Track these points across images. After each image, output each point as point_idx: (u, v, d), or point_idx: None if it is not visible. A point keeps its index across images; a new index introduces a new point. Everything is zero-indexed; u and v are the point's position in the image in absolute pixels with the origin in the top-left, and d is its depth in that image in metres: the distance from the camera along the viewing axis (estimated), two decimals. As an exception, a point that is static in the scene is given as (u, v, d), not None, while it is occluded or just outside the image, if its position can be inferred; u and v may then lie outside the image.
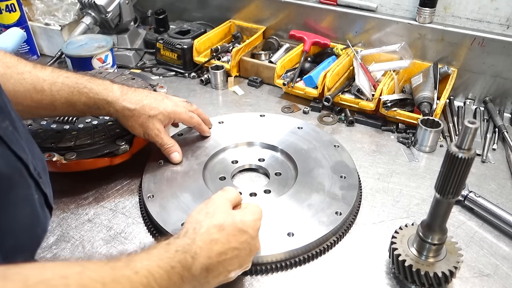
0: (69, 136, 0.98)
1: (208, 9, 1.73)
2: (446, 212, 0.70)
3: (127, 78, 1.22)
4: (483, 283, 0.80)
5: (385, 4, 1.41)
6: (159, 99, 0.99)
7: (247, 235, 0.71)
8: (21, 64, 0.84)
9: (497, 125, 1.20)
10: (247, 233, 0.71)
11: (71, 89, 0.87)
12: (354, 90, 1.28)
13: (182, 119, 1.03)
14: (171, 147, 1.01)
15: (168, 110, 0.98)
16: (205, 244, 0.65)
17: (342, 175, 0.99)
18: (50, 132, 0.99)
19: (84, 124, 1.03)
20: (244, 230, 0.70)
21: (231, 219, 0.71)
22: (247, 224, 0.72)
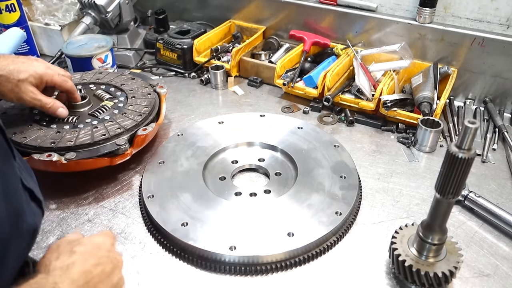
0: (69, 136, 0.98)
1: (208, 9, 1.73)
2: (446, 212, 0.70)
3: (127, 78, 1.22)
4: (483, 283, 0.80)
5: (385, 4, 1.41)
6: (27, 62, 0.95)
7: (102, 250, 0.66)
8: None
9: (497, 125, 1.20)
10: (101, 248, 0.67)
11: None
12: (354, 90, 1.28)
13: (55, 81, 0.99)
14: (53, 105, 0.99)
15: (39, 71, 0.95)
16: (63, 270, 0.60)
17: (342, 175, 0.99)
18: (50, 132, 0.99)
19: (84, 124, 1.03)
20: (97, 246, 0.66)
21: (79, 243, 0.66)
22: (97, 240, 0.68)
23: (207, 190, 0.96)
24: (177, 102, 1.37)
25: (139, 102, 1.12)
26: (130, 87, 1.18)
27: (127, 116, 1.06)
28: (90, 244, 0.66)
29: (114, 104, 1.11)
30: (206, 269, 0.83)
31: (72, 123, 1.04)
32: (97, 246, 0.66)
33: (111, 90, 1.17)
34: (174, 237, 0.84)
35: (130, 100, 1.13)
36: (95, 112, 1.07)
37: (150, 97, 1.14)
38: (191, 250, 0.83)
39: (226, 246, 0.82)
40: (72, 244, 0.65)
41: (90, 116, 1.06)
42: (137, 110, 1.08)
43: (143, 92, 1.16)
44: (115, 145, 0.98)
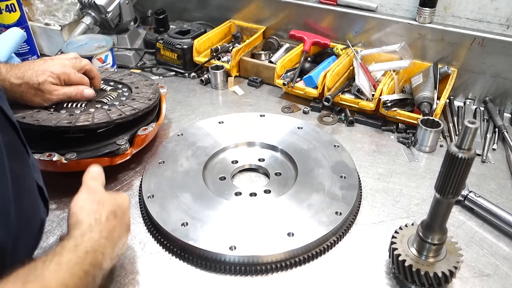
0: (84, 117, 0.97)
1: (208, 9, 1.73)
2: (446, 212, 0.70)
3: (125, 74, 1.22)
4: (483, 283, 0.80)
5: (385, 4, 1.41)
6: (43, 65, 0.97)
7: (126, 215, 0.77)
8: None
9: (497, 125, 1.20)
10: (126, 214, 0.77)
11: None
12: (354, 90, 1.28)
13: (72, 81, 1.01)
14: (78, 91, 1.01)
15: (57, 72, 0.98)
16: (109, 234, 0.68)
17: (342, 175, 0.99)
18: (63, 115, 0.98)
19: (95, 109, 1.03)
20: (125, 212, 0.76)
21: (116, 204, 0.74)
22: (125, 206, 0.77)
23: (207, 190, 0.96)
24: (177, 102, 1.37)
25: (144, 90, 1.12)
26: (130, 81, 1.18)
27: (137, 101, 1.07)
28: (123, 207, 0.76)
29: (119, 94, 1.11)
30: (206, 269, 0.83)
31: (81, 108, 1.03)
32: (126, 211, 0.76)
33: (111, 84, 1.17)
34: (174, 237, 0.84)
35: (134, 90, 1.13)
36: (102, 99, 1.07)
37: (153, 87, 1.15)
38: (191, 250, 0.83)
39: (226, 246, 0.82)
40: (111, 201, 0.74)
41: (99, 103, 1.05)
42: (145, 96, 1.09)
43: (145, 83, 1.17)
44: (116, 145, 0.98)
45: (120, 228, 0.72)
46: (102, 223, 0.68)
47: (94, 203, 0.70)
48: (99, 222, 0.68)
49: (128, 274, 0.81)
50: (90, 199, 0.71)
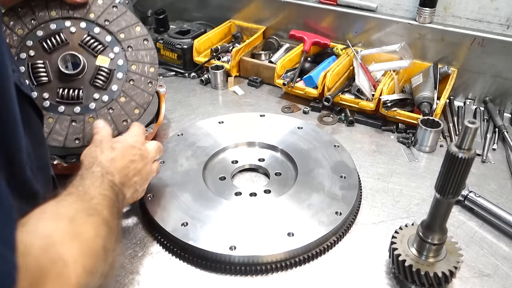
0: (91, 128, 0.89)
1: (208, 9, 1.73)
2: (446, 212, 0.70)
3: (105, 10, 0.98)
4: (483, 283, 0.80)
5: (385, 4, 1.41)
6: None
7: (135, 148, 0.83)
8: None
9: (497, 125, 1.20)
10: (135, 147, 0.83)
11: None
12: (354, 90, 1.28)
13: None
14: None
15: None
16: (109, 163, 0.76)
17: (342, 175, 0.99)
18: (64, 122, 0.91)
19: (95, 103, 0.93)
20: (132, 145, 0.83)
21: (117, 140, 0.83)
22: (130, 141, 0.84)
23: (207, 190, 0.96)
24: (177, 102, 1.37)
25: (140, 57, 0.97)
26: (117, 27, 0.97)
27: (137, 86, 0.95)
28: (125, 143, 0.82)
29: (112, 62, 0.94)
30: (206, 269, 0.83)
31: (79, 102, 0.91)
32: (131, 145, 0.83)
33: (96, 32, 0.95)
34: (174, 237, 0.84)
35: (128, 55, 0.96)
36: (96, 80, 0.92)
37: (148, 45, 0.98)
38: (191, 250, 0.83)
39: (226, 246, 0.82)
40: (112, 141, 0.82)
41: (95, 88, 0.92)
42: (144, 74, 0.96)
43: (137, 36, 0.98)
44: None
45: (124, 160, 0.79)
46: (100, 157, 0.77)
47: (91, 150, 0.79)
48: (97, 158, 0.77)
49: (128, 274, 0.81)
50: (90, 149, 0.80)
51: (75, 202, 0.63)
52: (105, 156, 0.77)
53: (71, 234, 0.56)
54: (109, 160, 0.77)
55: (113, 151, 0.79)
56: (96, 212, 0.63)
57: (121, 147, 0.81)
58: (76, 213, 0.60)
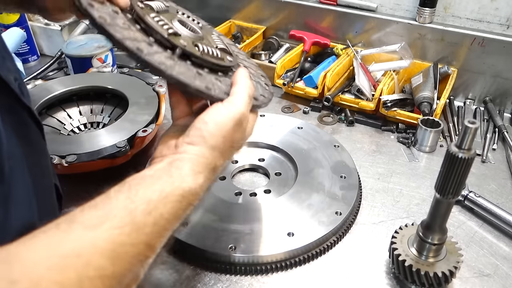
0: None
1: (208, 9, 1.73)
2: (446, 212, 0.70)
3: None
4: (483, 283, 0.80)
5: (385, 4, 1.41)
6: None
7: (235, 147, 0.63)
8: None
9: (497, 125, 1.20)
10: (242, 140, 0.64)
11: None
12: (354, 90, 1.28)
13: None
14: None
15: None
16: (211, 178, 0.59)
17: (342, 175, 0.99)
18: None
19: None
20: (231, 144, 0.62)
21: (240, 146, 0.64)
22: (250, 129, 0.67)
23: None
24: (177, 102, 1.37)
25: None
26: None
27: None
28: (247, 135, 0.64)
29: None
30: (206, 269, 0.83)
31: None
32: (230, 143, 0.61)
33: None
34: (174, 237, 0.84)
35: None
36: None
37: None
38: (191, 250, 0.83)
39: (226, 246, 0.82)
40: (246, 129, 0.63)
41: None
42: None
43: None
44: (116, 147, 0.98)
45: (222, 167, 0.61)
46: (213, 172, 0.58)
47: (228, 142, 0.59)
48: (212, 169, 0.57)
49: (128, 274, 0.81)
50: (232, 132, 0.59)
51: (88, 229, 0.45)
52: (222, 159, 0.58)
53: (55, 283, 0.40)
54: (217, 168, 0.58)
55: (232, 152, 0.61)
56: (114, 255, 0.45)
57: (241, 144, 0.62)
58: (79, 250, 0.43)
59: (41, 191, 0.59)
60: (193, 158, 0.55)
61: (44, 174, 0.64)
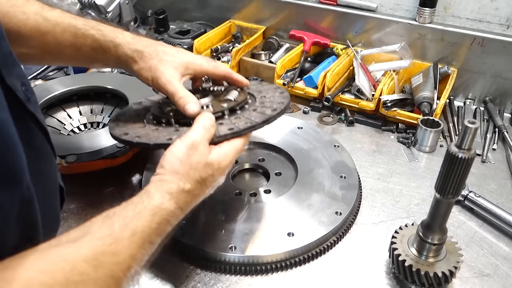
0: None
1: (208, 9, 1.73)
2: (446, 212, 0.70)
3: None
4: (483, 283, 0.80)
5: (385, 4, 1.41)
6: (175, 49, 0.84)
7: (217, 181, 0.72)
8: (28, 4, 0.76)
9: (497, 125, 1.20)
10: (217, 180, 0.72)
11: (76, 31, 0.78)
12: (354, 90, 1.28)
13: (205, 69, 0.85)
14: (185, 97, 0.77)
15: (186, 59, 0.82)
16: (186, 205, 0.66)
17: (342, 175, 0.99)
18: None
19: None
20: (216, 179, 0.71)
21: (211, 171, 0.69)
22: (221, 170, 0.71)
23: (207, 190, 0.96)
24: (177, 102, 1.37)
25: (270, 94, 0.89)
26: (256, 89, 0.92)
27: (265, 106, 0.83)
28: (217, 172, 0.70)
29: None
30: (206, 269, 0.83)
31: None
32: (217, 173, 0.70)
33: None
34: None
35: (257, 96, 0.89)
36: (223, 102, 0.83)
37: (285, 95, 0.88)
38: (191, 250, 0.83)
39: (226, 246, 0.82)
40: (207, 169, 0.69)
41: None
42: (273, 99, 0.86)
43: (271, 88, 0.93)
44: (116, 148, 0.98)
45: (201, 196, 0.69)
46: (183, 193, 0.65)
47: (186, 165, 0.66)
48: (180, 191, 0.65)
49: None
50: (186, 156, 0.67)
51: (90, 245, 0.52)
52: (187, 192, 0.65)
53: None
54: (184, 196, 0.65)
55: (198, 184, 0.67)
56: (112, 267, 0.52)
57: (210, 180, 0.69)
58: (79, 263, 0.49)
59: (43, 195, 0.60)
60: (157, 183, 0.65)
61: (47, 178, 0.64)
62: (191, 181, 0.66)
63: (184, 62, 0.82)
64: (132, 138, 0.78)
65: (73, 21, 0.79)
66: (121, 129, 0.82)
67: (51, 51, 0.80)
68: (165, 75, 0.79)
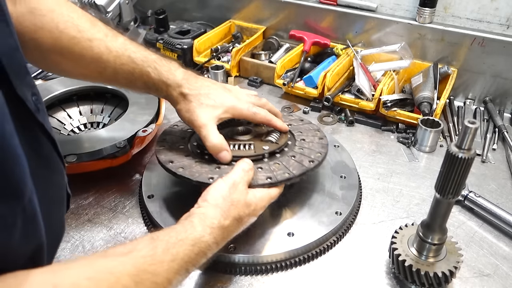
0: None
1: (208, 9, 1.73)
2: (446, 212, 0.70)
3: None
4: (483, 283, 0.80)
5: (385, 4, 1.41)
6: (220, 91, 0.88)
7: (252, 218, 0.77)
8: (93, 30, 0.81)
9: (497, 125, 1.20)
10: (253, 216, 0.77)
11: (134, 66, 0.83)
12: (354, 90, 1.28)
13: (244, 115, 0.88)
14: (216, 146, 0.83)
15: (227, 104, 0.86)
16: (223, 240, 0.71)
17: (342, 175, 0.99)
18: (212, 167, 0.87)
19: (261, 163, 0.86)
20: (252, 215, 0.76)
21: (248, 210, 0.75)
22: (257, 210, 0.77)
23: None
24: (177, 102, 1.37)
25: (309, 139, 0.94)
26: (297, 128, 0.98)
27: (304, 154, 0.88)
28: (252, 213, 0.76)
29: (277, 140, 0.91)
30: (206, 269, 0.82)
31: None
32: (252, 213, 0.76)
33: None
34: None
35: (298, 138, 0.95)
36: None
37: (323, 142, 0.94)
38: (191, 250, 0.83)
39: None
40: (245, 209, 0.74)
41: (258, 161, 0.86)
42: (312, 148, 0.91)
43: (312, 132, 0.98)
44: (116, 147, 0.98)
45: (234, 233, 0.74)
46: (222, 229, 0.69)
47: (227, 201, 0.72)
48: (220, 227, 0.69)
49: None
50: (228, 193, 0.73)
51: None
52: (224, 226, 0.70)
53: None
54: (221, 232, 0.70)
55: (236, 222, 0.73)
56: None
57: (247, 218, 0.75)
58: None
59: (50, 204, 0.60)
60: (200, 215, 0.69)
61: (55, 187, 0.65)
62: (230, 217, 0.71)
63: (224, 107, 0.86)
64: (176, 168, 0.84)
65: (133, 55, 0.83)
66: (167, 155, 0.89)
67: (107, 78, 0.85)
68: (200, 118, 0.84)
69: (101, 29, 0.83)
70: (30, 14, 0.75)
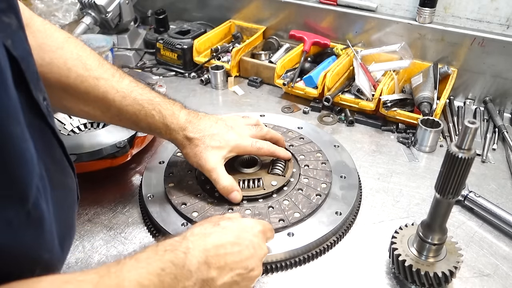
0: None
1: (208, 9, 1.73)
2: (446, 212, 0.70)
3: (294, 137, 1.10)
4: (483, 283, 0.80)
5: (385, 4, 1.41)
6: (223, 130, 0.91)
7: (248, 233, 0.71)
8: (100, 69, 0.82)
9: (497, 125, 1.20)
10: (247, 231, 0.71)
11: (140, 108, 0.84)
12: (354, 90, 1.28)
13: (248, 152, 0.94)
14: (227, 187, 0.88)
15: (231, 144, 0.90)
16: (198, 237, 0.65)
17: (342, 175, 0.99)
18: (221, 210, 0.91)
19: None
20: (243, 228, 0.72)
21: (228, 218, 0.73)
22: (247, 223, 0.73)
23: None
24: (177, 102, 1.37)
25: (313, 174, 0.98)
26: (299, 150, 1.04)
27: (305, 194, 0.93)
28: (237, 223, 0.72)
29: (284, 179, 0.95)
30: (206, 269, 0.82)
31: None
32: (243, 227, 0.72)
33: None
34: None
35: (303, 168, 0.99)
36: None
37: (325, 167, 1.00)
38: (191, 250, 0.83)
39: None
40: (222, 218, 0.73)
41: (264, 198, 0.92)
42: (312, 187, 0.95)
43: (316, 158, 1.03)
44: (116, 147, 0.98)
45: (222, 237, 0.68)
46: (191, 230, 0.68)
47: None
48: (188, 230, 0.68)
49: (128, 274, 0.81)
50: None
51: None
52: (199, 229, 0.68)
53: None
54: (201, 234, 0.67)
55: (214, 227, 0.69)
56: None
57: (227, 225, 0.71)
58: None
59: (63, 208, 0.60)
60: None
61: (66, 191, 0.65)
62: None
63: (229, 146, 0.90)
64: (190, 213, 0.88)
65: (139, 97, 0.85)
66: (178, 196, 0.92)
67: (110, 117, 0.86)
68: (208, 163, 0.87)
69: (108, 69, 0.84)
70: (39, 49, 0.75)
